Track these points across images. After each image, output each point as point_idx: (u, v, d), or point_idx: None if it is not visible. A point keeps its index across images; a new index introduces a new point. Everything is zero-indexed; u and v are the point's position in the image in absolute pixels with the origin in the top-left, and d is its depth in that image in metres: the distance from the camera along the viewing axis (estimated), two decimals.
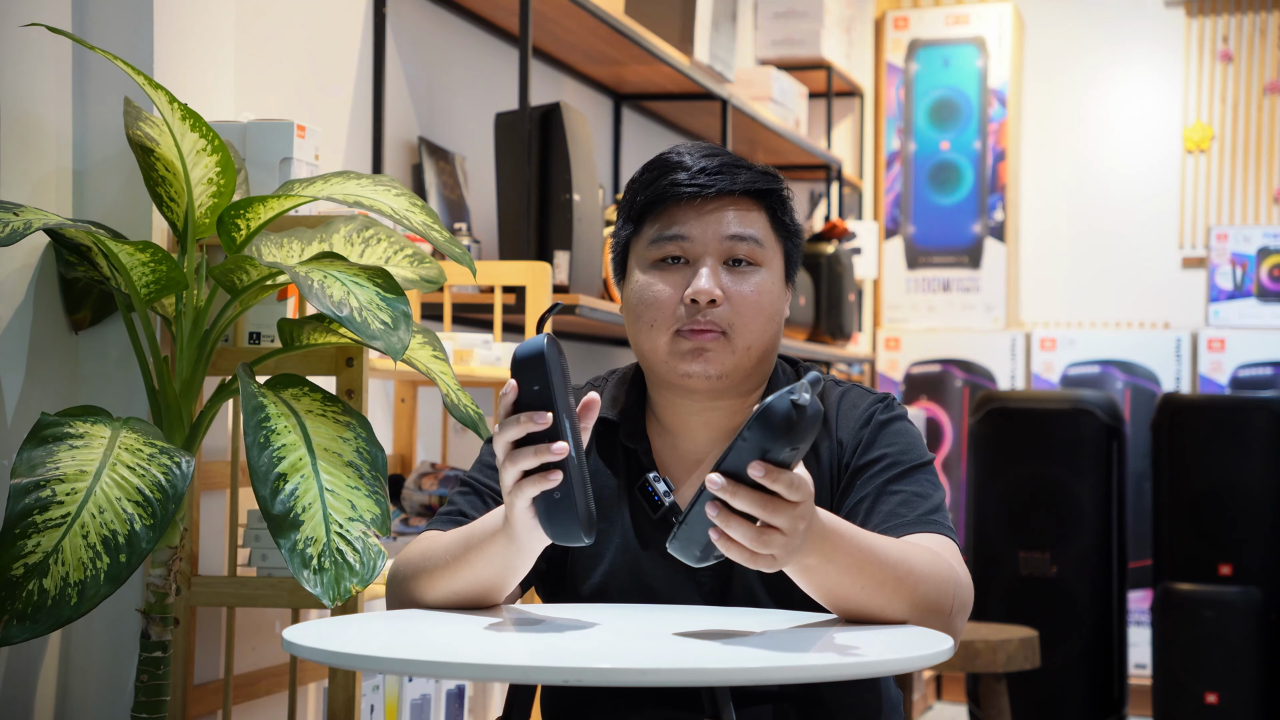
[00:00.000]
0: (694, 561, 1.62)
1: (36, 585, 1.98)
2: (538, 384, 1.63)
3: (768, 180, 1.96)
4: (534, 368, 1.63)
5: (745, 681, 1.54)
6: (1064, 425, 5.51)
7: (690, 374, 1.92)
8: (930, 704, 6.35)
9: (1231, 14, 6.56)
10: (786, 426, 1.51)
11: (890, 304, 6.74)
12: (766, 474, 1.53)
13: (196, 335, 2.35)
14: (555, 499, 1.63)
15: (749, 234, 1.93)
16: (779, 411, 1.51)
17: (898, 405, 1.99)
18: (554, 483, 1.62)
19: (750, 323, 1.92)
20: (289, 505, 2.12)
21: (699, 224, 1.93)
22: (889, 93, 6.77)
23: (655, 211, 1.95)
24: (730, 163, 1.95)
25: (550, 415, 1.62)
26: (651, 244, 1.94)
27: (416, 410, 3.38)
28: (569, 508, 1.62)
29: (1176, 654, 5.29)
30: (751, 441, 1.52)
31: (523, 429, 1.62)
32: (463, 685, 3.04)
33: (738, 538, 1.56)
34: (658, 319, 1.92)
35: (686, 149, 1.97)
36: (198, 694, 2.66)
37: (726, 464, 1.54)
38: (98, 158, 2.54)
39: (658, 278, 1.93)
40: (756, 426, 1.52)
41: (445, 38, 3.80)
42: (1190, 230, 6.59)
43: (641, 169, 1.99)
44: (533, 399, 1.63)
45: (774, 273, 1.96)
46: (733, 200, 1.94)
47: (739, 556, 1.58)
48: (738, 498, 1.54)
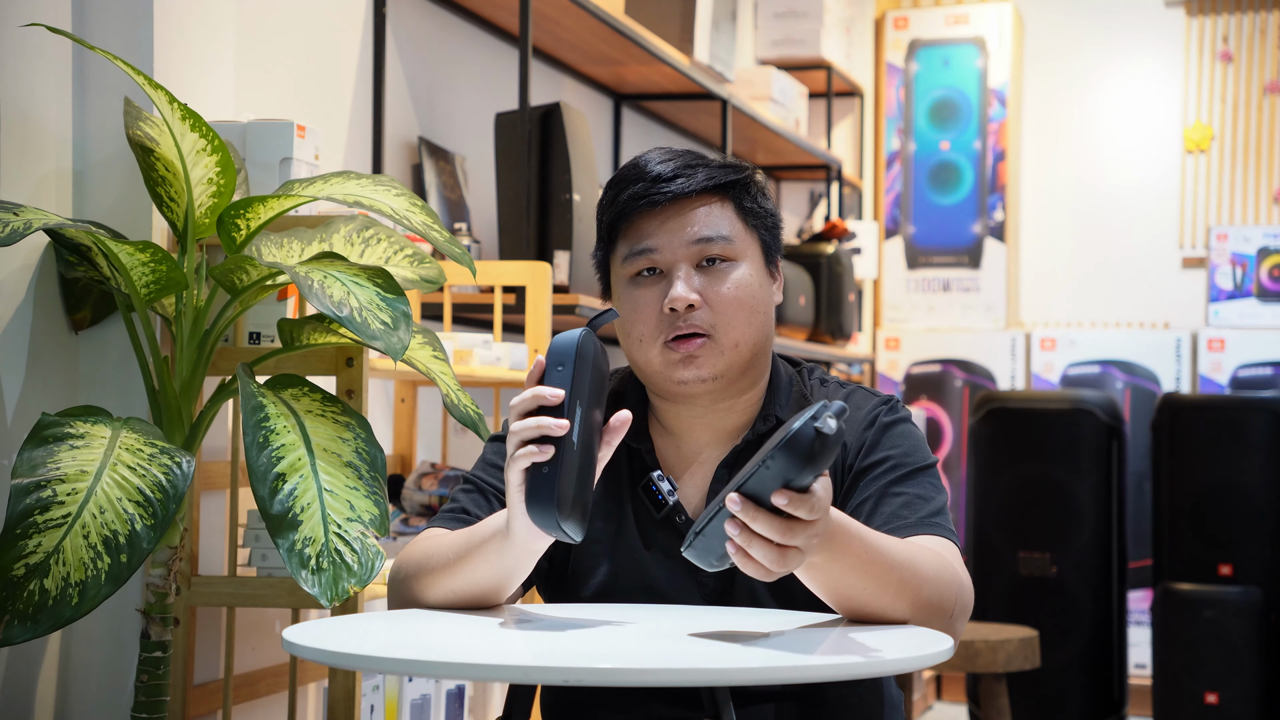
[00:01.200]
0: (709, 568, 1.62)
1: (37, 585, 1.98)
2: (562, 365, 1.66)
3: (726, 173, 1.95)
4: (564, 352, 1.66)
5: (745, 681, 1.54)
6: (1064, 425, 5.51)
7: (685, 381, 1.92)
8: (930, 704, 6.35)
9: (1231, 14, 6.56)
10: (810, 456, 1.50)
11: (890, 304, 6.74)
12: (790, 502, 1.53)
13: (196, 335, 2.35)
14: (542, 474, 1.63)
15: (716, 234, 1.93)
16: (804, 441, 1.50)
17: (902, 408, 1.99)
18: (544, 455, 1.62)
19: (733, 320, 1.92)
20: (288, 505, 2.12)
21: (664, 233, 1.92)
22: (889, 93, 6.77)
23: (623, 227, 1.95)
24: (687, 163, 1.94)
25: (562, 393, 1.64)
26: (625, 261, 1.95)
27: (416, 410, 3.38)
28: (551, 485, 1.62)
29: (1176, 654, 5.29)
30: (775, 470, 1.51)
31: (535, 401, 1.64)
32: (463, 685, 3.04)
33: (759, 559, 1.56)
34: (645, 333, 1.93)
35: (644, 159, 1.96)
36: (198, 694, 2.66)
37: (748, 487, 1.53)
38: (98, 158, 2.54)
39: (637, 292, 1.94)
40: (781, 456, 1.51)
41: (445, 38, 3.80)
42: (1190, 230, 6.59)
43: (605, 188, 1.99)
44: (554, 380, 1.66)
45: (752, 263, 1.95)
46: (695, 200, 1.93)
47: (756, 573, 1.58)
48: (758, 522, 1.54)
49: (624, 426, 1.72)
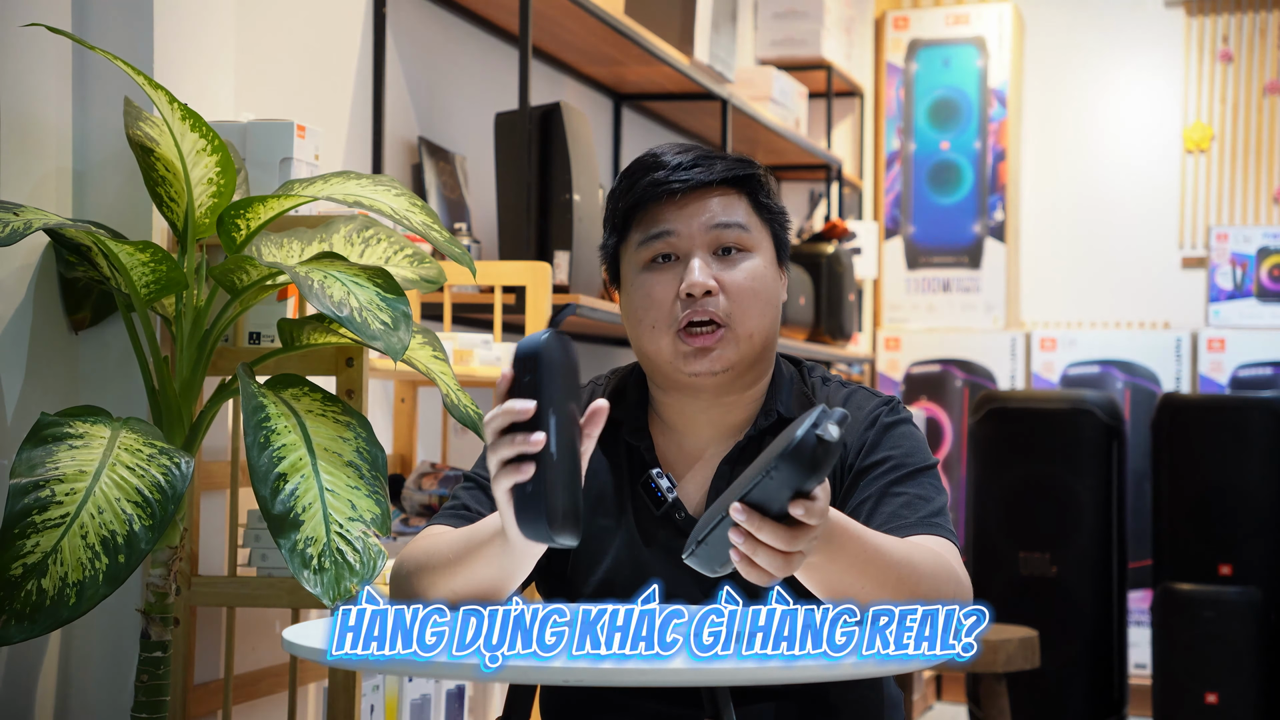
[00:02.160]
0: (712, 574, 1.61)
1: (35, 585, 1.98)
2: (528, 375, 1.60)
3: (744, 167, 1.97)
4: (528, 359, 1.60)
5: (745, 681, 1.54)
6: (1064, 425, 5.51)
7: (697, 372, 1.92)
8: (930, 704, 6.35)
9: (1231, 14, 6.56)
10: (813, 463, 1.50)
11: (890, 304, 6.74)
12: (807, 513, 1.52)
13: (196, 335, 2.35)
14: (527, 492, 1.58)
15: (734, 221, 1.94)
16: (807, 449, 1.49)
17: (903, 409, 1.99)
18: (525, 475, 1.58)
19: (749, 309, 1.92)
20: (289, 505, 2.12)
21: (683, 219, 1.93)
22: (889, 93, 6.77)
23: (639, 214, 1.96)
24: (705, 155, 1.96)
25: (533, 405, 1.58)
26: (640, 246, 1.95)
27: (416, 410, 3.38)
28: (538, 503, 1.57)
29: (1176, 654, 5.29)
30: (779, 479, 1.50)
31: (506, 418, 1.59)
32: (463, 685, 3.04)
33: (766, 567, 1.56)
34: (658, 319, 1.93)
35: (660, 150, 1.98)
36: (198, 694, 2.66)
37: (752, 496, 1.52)
38: (98, 158, 2.54)
39: (652, 278, 1.94)
40: (785, 465, 1.50)
41: (445, 38, 3.80)
42: (1190, 230, 6.59)
43: (619, 177, 2.00)
44: (523, 390, 1.60)
45: (765, 256, 1.96)
46: (713, 190, 1.94)
47: (760, 579, 1.58)
48: (764, 532, 1.54)
49: (602, 415, 1.67)
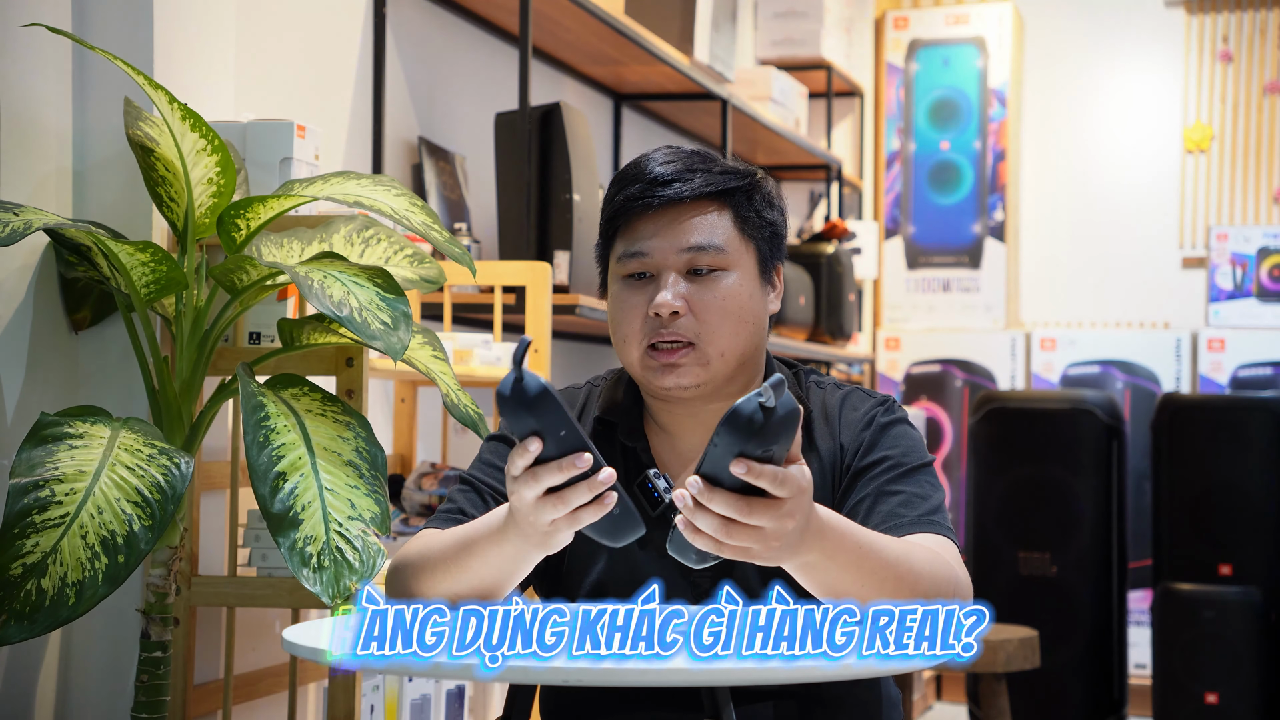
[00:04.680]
0: (691, 563, 1.62)
1: (34, 585, 1.98)
2: (540, 430, 1.59)
3: (727, 179, 1.94)
4: (531, 407, 1.58)
5: (745, 681, 1.54)
6: (1064, 425, 5.51)
7: (666, 388, 1.93)
8: (930, 704, 6.35)
9: (1231, 13, 6.56)
10: (752, 429, 1.51)
11: (890, 304, 6.74)
12: (749, 470, 1.52)
13: (196, 335, 2.35)
14: (615, 515, 1.63)
15: (708, 243, 1.92)
16: (744, 414, 1.51)
17: (899, 408, 1.99)
18: (610, 504, 1.62)
19: (717, 329, 1.92)
20: (288, 504, 2.12)
21: (657, 238, 1.92)
22: (889, 93, 6.77)
23: (620, 227, 1.96)
24: (688, 167, 1.93)
25: (588, 456, 1.60)
26: (619, 260, 1.96)
27: (416, 410, 3.38)
28: (629, 516, 1.64)
29: (1176, 654, 5.29)
30: (722, 446, 1.52)
31: (565, 474, 1.59)
32: (463, 685, 3.04)
33: (706, 529, 1.55)
34: (629, 333, 1.94)
35: (648, 158, 1.96)
36: (198, 694, 2.66)
37: (703, 468, 1.55)
38: (98, 158, 2.54)
39: (626, 292, 1.95)
40: (724, 431, 1.52)
41: (445, 38, 3.80)
42: (1190, 230, 6.59)
43: (610, 182, 1.99)
44: (551, 445, 1.59)
45: (744, 273, 1.94)
46: (690, 206, 1.93)
47: (712, 548, 1.57)
48: (714, 500, 1.54)
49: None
